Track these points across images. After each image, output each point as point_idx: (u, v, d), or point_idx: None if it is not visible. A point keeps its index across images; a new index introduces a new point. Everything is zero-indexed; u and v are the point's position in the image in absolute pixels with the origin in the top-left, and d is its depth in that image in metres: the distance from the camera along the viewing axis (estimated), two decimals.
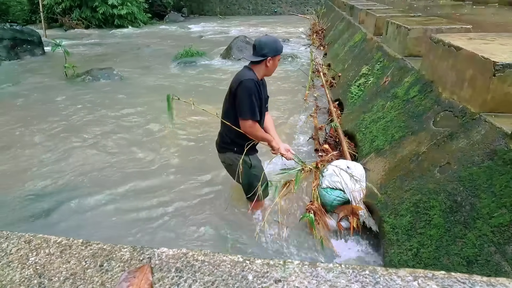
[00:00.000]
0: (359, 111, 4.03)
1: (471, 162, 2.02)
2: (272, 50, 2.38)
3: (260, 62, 2.38)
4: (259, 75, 2.42)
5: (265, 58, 2.36)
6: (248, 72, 2.39)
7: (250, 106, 2.34)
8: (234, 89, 2.37)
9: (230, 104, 2.44)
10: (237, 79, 2.38)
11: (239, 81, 2.33)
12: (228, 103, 2.47)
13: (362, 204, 2.68)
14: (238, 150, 2.52)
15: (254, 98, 2.34)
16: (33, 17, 15.66)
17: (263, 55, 2.36)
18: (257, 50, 2.38)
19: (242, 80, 2.32)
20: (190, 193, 3.33)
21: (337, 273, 0.87)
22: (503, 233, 1.64)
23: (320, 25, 12.57)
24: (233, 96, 2.39)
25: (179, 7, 20.75)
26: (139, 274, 0.88)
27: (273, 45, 2.39)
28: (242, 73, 2.41)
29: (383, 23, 4.87)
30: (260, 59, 2.37)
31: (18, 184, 3.48)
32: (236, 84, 2.34)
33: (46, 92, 6.53)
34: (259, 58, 2.37)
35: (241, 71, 2.44)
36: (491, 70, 2.13)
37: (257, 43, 2.39)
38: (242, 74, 2.39)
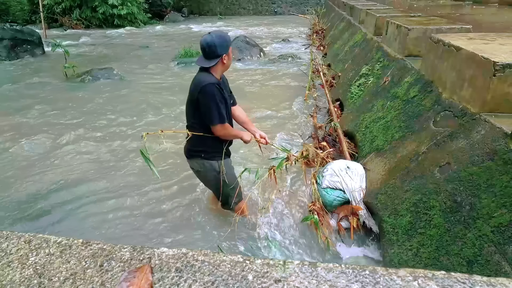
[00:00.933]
0: (359, 111, 4.03)
1: (471, 162, 2.02)
2: (224, 47, 2.23)
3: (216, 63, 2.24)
4: (217, 75, 2.30)
5: (219, 58, 2.23)
6: (206, 76, 2.25)
7: (218, 111, 2.24)
8: (195, 96, 2.24)
9: (194, 110, 2.33)
10: (197, 85, 2.24)
11: (199, 88, 2.20)
12: (191, 109, 2.36)
13: (362, 204, 2.68)
14: (206, 156, 2.43)
15: (219, 102, 2.24)
16: (33, 17, 15.66)
17: (216, 56, 2.22)
18: (209, 52, 2.21)
19: (202, 86, 2.20)
20: (190, 193, 3.33)
21: (337, 273, 0.87)
22: (503, 233, 1.64)
23: (320, 25, 12.57)
24: (196, 102, 2.27)
25: (179, 7, 20.75)
26: (139, 274, 0.88)
27: (222, 41, 2.23)
28: (200, 78, 2.26)
29: (383, 23, 4.87)
30: (215, 61, 2.23)
31: (17, 184, 3.48)
32: (197, 91, 2.22)
33: (46, 92, 6.53)
34: (214, 61, 2.23)
35: (199, 76, 2.29)
36: (491, 70, 2.13)
37: (205, 46, 2.20)
38: (201, 80, 2.24)
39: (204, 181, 2.63)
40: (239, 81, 6.95)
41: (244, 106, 5.57)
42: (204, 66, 2.24)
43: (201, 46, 2.23)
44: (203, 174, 2.52)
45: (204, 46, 2.21)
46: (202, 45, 2.22)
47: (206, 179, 2.57)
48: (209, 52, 2.21)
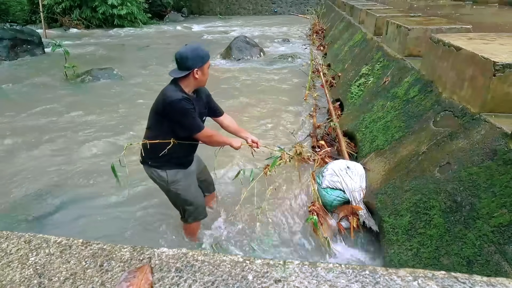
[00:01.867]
0: (359, 111, 4.03)
1: (471, 162, 2.02)
2: (197, 61, 2.14)
3: (187, 75, 2.15)
4: (188, 88, 2.19)
5: (190, 70, 2.13)
6: (173, 90, 2.15)
7: (193, 122, 2.18)
8: (161, 110, 2.16)
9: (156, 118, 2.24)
10: (163, 99, 2.15)
11: (166, 103, 2.12)
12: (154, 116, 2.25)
13: (362, 204, 2.68)
14: (153, 164, 2.32)
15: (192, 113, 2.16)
16: (33, 17, 15.66)
17: (187, 68, 2.13)
18: (180, 63, 2.14)
19: (169, 102, 2.10)
20: None
21: (337, 273, 0.87)
22: (503, 233, 1.64)
23: (320, 25, 12.57)
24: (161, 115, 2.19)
25: (179, 7, 20.75)
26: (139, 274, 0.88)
27: (196, 54, 2.14)
28: (167, 92, 2.16)
29: (383, 23, 4.87)
30: (185, 73, 2.14)
31: (17, 184, 3.48)
32: (163, 106, 2.14)
33: (46, 92, 6.53)
34: (184, 72, 2.13)
35: (166, 88, 2.20)
36: (491, 70, 2.13)
37: (178, 57, 2.14)
38: (167, 94, 2.14)
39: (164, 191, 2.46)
40: (239, 81, 6.95)
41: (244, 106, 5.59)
42: (173, 76, 2.17)
43: (175, 58, 2.17)
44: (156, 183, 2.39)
45: (177, 57, 2.15)
46: (176, 55, 2.16)
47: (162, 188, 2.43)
48: (180, 63, 2.14)
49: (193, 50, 2.15)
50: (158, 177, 2.34)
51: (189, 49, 2.15)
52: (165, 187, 2.38)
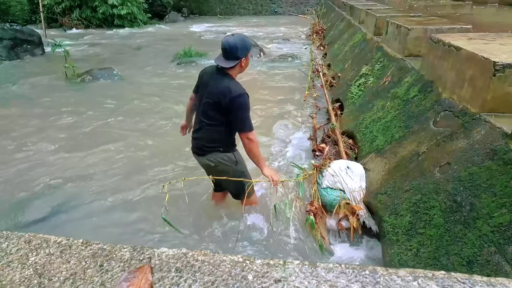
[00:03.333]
0: (359, 111, 4.03)
1: (471, 162, 2.02)
2: (244, 50, 2.26)
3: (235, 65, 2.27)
4: (235, 78, 2.33)
5: (239, 60, 2.26)
6: (232, 82, 2.27)
7: (250, 118, 2.31)
8: (225, 103, 2.22)
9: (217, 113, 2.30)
10: (226, 91, 2.22)
11: (233, 97, 2.20)
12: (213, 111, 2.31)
13: (362, 204, 2.68)
14: (224, 149, 2.45)
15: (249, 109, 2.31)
16: (33, 17, 15.66)
17: (236, 57, 2.24)
18: (229, 53, 2.23)
19: (236, 95, 2.20)
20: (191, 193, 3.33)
21: (337, 273, 0.87)
22: (503, 233, 1.64)
23: (320, 25, 12.57)
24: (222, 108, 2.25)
25: (179, 7, 20.75)
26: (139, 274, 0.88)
27: (244, 44, 2.25)
28: (229, 84, 2.25)
29: (383, 23, 4.87)
30: (235, 62, 2.25)
31: (17, 184, 3.48)
32: (229, 99, 2.21)
33: (46, 92, 6.53)
34: (234, 62, 2.24)
35: (224, 81, 2.27)
36: (491, 70, 2.13)
37: (227, 46, 2.21)
38: (230, 87, 2.23)
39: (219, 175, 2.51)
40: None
41: None
42: (223, 66, 2.25)
43: (222, 46, 2.24)
44: (220, 169, 2.47)
45: (226, 47, 2.22)
46: (224, 45, 2.23)
47: (223, 173, 2.50)
48: (229, 53, 2.23)
49: (241, 40, 2.25)
50: (228, 160, 2.46)
51: (237, 39, 2.24)
52: (233, 168, 2.49)
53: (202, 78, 2.44)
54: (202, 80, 2.44)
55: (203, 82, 2.41)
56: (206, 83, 2.37)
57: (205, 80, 2.39)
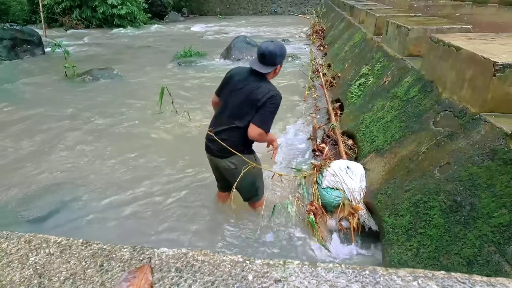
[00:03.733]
0: (359, 111, 4.03)
1: (471, 162, 2.02)
2: (282, 57, 2.34)
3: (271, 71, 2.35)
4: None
5: (275, 66, 2.33)
6: (270, 85, 2.35)
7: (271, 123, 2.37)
8: (263, 101, 2.26)
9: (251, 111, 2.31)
10: (264, 91, 2.28)
11: (270, 96, 2.27)
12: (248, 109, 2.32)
13: (362, 204, 2.68)
14: (247, 151, 2.49)
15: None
16: (33, 17, 15.65)
17: (274, 64, 2.31)
18: (268, 59, 2.28)
19: (273, 95, 2.28)
20: (190, 194, 3.33)
21: (337, 273, 0.87)
22: (503, 233, 1.64)
23: (320, 25, 12.57)
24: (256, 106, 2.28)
25: (179, 7, 20.75)
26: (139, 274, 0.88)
27: (282, 51, 2.33)
28: (267, 85, 2.33)
29: (383, 23, 4.87)
30: (272, 68, 2.32)
31: (17, 184, 3.48)
32: (266, 98, 2.26)
33: (46, 92, 6.53)
34: (271, 68, 2.31)
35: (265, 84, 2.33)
36: (491, 70, 2.13)
37: (267, 53, 2.27)
38: (269, 87, 2.31)
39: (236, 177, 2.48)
40: None
41: None
42: (260, 71, 2.30)
43: (261, 51, 2.28)
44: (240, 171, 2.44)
45: (265, 53, 2.26)
46: (263, 51, 2.27)
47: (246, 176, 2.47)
48: (268, 59, 2.28)
49: (280, 48, 2.32)
50: (246, 162, 2.44)
51: (277, 47, 2.30)
52: (253, 170, 2.48)
53: (233, 79, 2.43)
54: (232, 81, 2.43)
55: (234, 84, 2.40)
56: (240, 85, 2.36)
57: (238, 82, 2.38)
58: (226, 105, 2.42)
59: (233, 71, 2.50)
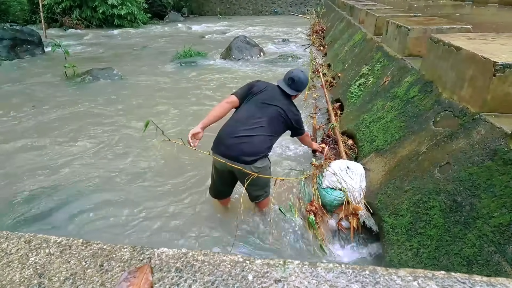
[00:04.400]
0: (359, 111, 4.03)
1: (471, 162, 2.02)
2: (305, 86, 2.72)
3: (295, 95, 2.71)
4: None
5: (299, 93, 2.72)
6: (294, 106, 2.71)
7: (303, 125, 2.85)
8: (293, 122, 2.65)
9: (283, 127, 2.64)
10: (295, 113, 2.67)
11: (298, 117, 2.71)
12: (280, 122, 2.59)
13: (362, 204, 2.68)
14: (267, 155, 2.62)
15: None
16: (33, 17, 15.66)
17: (299, 90, 2.68)
18: (296, 85, 2.64)
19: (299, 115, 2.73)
20: (191, 194, 3.33)
21: (337, 273, 0.87)
22: (503, 233, 1.64)
23: (320, 25, 12.57)
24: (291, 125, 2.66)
25: (179, 7, 20.75)
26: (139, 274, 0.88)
27: (307, 82, 2.75)
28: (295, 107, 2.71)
29: (383, 23, 4.87)
30: (296, 93, 2.70)
31: (17, 184, 3.48)
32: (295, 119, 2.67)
33: (46, 92, 6.53)
34: (296, 93, 2.69)
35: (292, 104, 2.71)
36: (491, 70, 2.13)
37: (297, 80, 2.62)
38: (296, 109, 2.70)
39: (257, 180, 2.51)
40: (239, 81, 6.95)
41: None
42: (288, 93, 2.65)
43: (292, 76, 2.64)
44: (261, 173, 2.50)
45: (296, 80, 2.63)
46: (295, 78, 2.64)
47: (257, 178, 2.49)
48: (296, 85, 2.65)
49: (307, 79, 2.74)
50: (267, 165, 2.60)
51: (305, 77, 2.71)
52: (267, 172, 2.62)
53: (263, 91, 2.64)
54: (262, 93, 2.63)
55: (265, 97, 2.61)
56: (273, 100, 2.60)
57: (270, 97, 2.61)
58: (261, 112, 2.55)
59: (263, 84, 2.71)
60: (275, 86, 2.71)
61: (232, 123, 2.52)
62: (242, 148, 2.40)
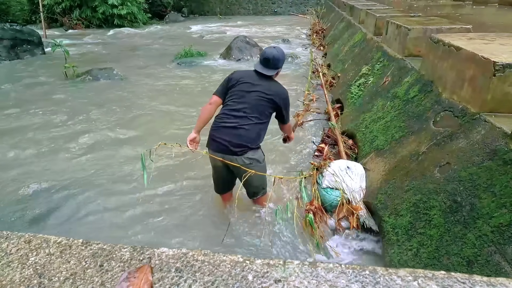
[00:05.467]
0: (359, 111, 4.03)
1: (471, 162, 2.02)
2: (283, 62, 2.60)
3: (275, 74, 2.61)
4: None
5: (277, 70, 2.59)
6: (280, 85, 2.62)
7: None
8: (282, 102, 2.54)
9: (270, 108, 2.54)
10: (281, 92, 2.57)
11: (285, 96, 2.58)
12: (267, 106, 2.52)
13: (362, 204, 2.68)
14: (259, 146, 2.59)
15: None
16: (33, 17, 15.66)
17: (277, 67, 2.57)
18: (272, 63, 2.52)
19: (287, 94, 2.61)
20: (190, 193, 3.33)
21: (337, 273, 0.87)
22: (503, 233, 1.64)
23: (320, 25, 12.57)
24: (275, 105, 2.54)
25: (179, 7, 20.75)
26: (139, 274, 0.88)
27: (283, 57, 2.59)
28: (279, 86, 2.60)
29: (383, 23, 4.87)
30: (276, 71, 2.59)
31: (17, 184, 3.48)
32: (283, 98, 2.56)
33: (46, 92, 6.53)
34: (275, 71, 2.58)
35: (277, 84, 2.62)
36: (491, 70, 2.13)
37: (271, 58, 2.51)
38: (282, 88, 2.61)
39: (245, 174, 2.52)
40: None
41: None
42: (265, 74, 2.54)
43: (266, 56, 2.53)
44: (254, 165, 2.50)
45: (270, 58, 2.51)
46: (268, 56, 2.52)
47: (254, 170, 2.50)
48: (272, 63, 2.53)
49: (282, 53, 2.59)
50: (260, 157, 2.58)
51: (280, 52, 2.56)
52: (262, 164, 2.60)
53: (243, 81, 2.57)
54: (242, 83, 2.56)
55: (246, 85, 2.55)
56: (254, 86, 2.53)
57: (251, 84, 2.54)
58: (243, 102, 2.51)
59: (238, 74, 2.63)
60: (252, 71, 2.62)
61: (218, 119, 2.58)
62: (229, 140, 2.45)
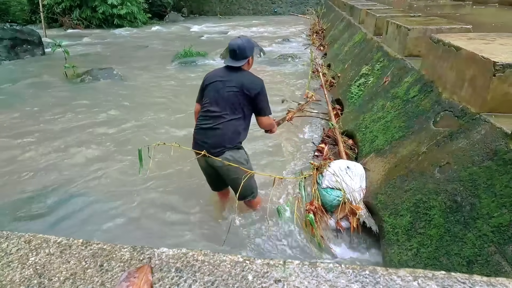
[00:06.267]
0: (359, 111, 4.03)
1: (471, 162, 2.02)
2: (251, 49, 2.51)
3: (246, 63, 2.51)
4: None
5: (247, 58, 2.50)
6: (252, 75, 2.52)
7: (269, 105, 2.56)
8: (253, 94, 2.42)
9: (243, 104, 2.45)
10: (254, 83, 2.46)
11: (260, 86, 2.46)
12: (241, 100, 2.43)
13: (362, 204, 2.68)
14: (240, 146, 2.53)
15: None
16: (33, 17, 15.66)
17: (245, 57, 2.48)
18: (239, 54, 2.45)
19: (260, 84, 2.48)
20: (191, 193, 3.33)
21: (337, 273, 0.87)
22: (503, 233, 1.64)
23: (320, 25, 12.57)
24: (250, 98, 2.43)
25: (179, 7, 20.74)
26: (139, 274, 0.88)
27: (250, 44, 2.50)
28: (251, 77, 2.50)
29: (383, 23, 4.87)
30: (245, 61, 2.49)
31: (17, 184, 3.48)
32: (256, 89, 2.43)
33: (46, 92, 6.53)
34: (244, 61, 2.48)
35: (248, 74, 2.51)
36: (491, 70, 2.13)
37: (236, 48, 2.44)
38: (254, 78, 2.49)
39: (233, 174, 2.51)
40: None
41: None
42: (234, 65, 2.47)
43: (231, 48, 2.46)
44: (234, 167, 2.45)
45: (235, 48, 2.44)
46: (233, 47, 2.45)
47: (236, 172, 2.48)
48: (239, 54, 2.45)
49: (247, 41, 2.51)
50: (242, 157, 2.52)
51: (244, 40, 2.49)
52: (246, 166, 2.53)
53: (213, 81, 2.51)
54: (214, 82, 2.50)
55: (218, 83, 2.48)
56: (225, 82, 2.46)
57: (221, 81, 2.48)
58: (216, 102, 2.46)
59: (209, 75, 2.59)
60: (223, 68, 2.58)
61: (197, 122, 2.57)
62: (207, 141, 2.44)
